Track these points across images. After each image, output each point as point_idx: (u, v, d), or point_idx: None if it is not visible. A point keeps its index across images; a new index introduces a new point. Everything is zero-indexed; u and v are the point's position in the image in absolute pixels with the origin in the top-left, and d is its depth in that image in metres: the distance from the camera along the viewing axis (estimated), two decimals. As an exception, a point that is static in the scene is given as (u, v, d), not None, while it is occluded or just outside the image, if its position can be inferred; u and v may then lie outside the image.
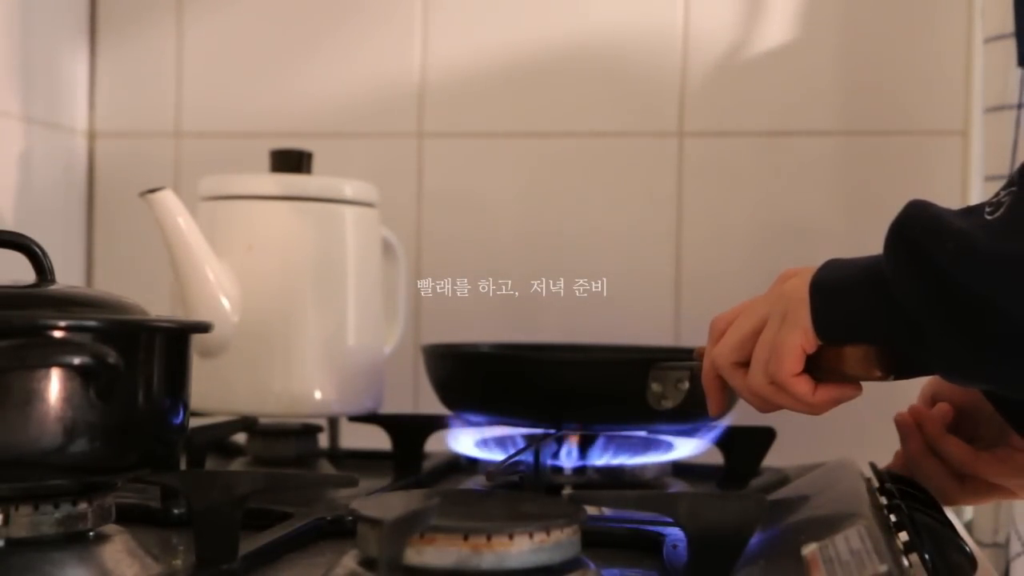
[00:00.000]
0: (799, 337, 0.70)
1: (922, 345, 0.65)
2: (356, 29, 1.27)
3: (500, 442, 0.95)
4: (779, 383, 0.71)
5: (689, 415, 0.90)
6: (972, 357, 0.63)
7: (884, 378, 0.70)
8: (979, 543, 1.07)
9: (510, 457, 0.82)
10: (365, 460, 1.06)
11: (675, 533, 0.66)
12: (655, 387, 0.83)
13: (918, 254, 0.63)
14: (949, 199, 1.21)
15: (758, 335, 0.72)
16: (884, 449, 0.89)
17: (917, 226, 0.64)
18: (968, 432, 0.84)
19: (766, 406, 0.74)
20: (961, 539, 0.69)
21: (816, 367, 0.71)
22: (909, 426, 0.85)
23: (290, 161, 1.03)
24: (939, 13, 1.18)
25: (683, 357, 0.83)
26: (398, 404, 1.13)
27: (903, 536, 0.64)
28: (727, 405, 0.78)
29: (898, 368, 0.70)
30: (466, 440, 0.96)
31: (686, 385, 0.82)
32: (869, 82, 1.20)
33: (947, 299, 0.62)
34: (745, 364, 0.73)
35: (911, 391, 1.16)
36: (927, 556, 0.61)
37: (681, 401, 0.82)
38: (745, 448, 0.96)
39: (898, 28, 1.19)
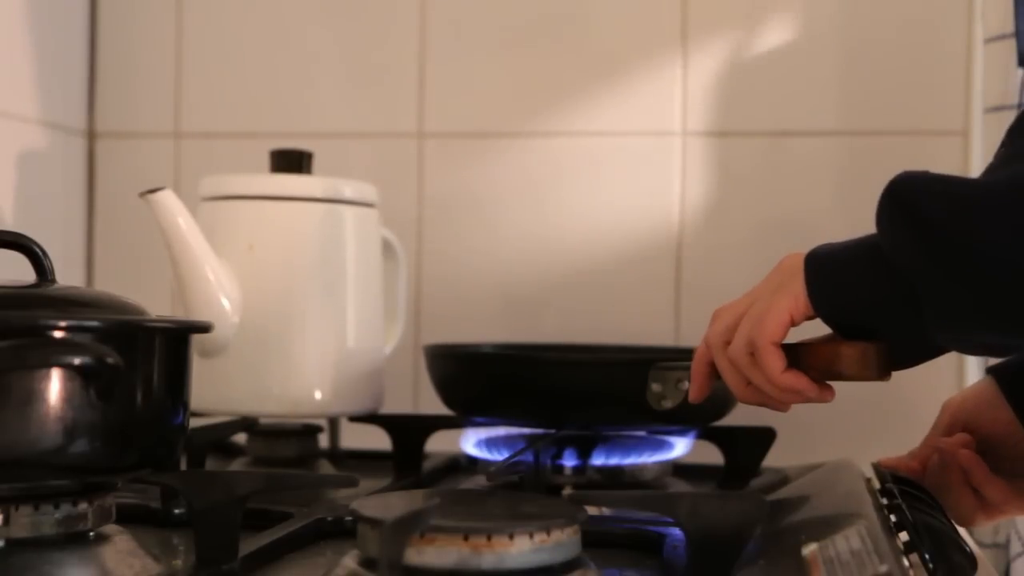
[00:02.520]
0: (789, 302, 0.70)
1: (915, 306, 0.65)
2: (356, 28, 1.27)
3: (500, 442, 0.95)
4: (757, 348, 0.71)
5: (689, 415, 0.90)
6: (967, 301, 0.63)
7: (880, 378, 0.70)
8: (979, 543, 1.07)
9: (510, 457, 0.82)
10: (365, 460, 1.06)
11: (675, 533, 0.66)
12: (655, 387, 0.83)
13: (907, 206, 0.65)
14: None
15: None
16: (884, 449, 0.89)
17: (906, 185, 0.66)
18: (992, 465, 0.83)
19: (742, 388, 0.74)
20: (961, 539, 0.69)
21: (810, 366, 0.71)
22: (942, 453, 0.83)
23: (290, 161, 1.03)
24: (939, 13, 1.18)
25: (683, 357, 0.83)
26: (398, 404, 1.13)
27: (903, 536, 0.64)
28: (710, 392, 0.78)
29: (895, 363, 0.70)
30: (466, 440, 0.97)
31: (686, 385, 0.82)
32: (869, 82, 1.20)
33: (938, 243, 0.63)
34: None
35: (910, 392, 1.16)
36: (927, 556, 0.61)
37: (681, 401, 0.82)
38: (745, 448, 0.96)
39: (898, 28, 1.19)
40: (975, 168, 1.16)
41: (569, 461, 0.90)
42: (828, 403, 0.74)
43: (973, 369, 1.14)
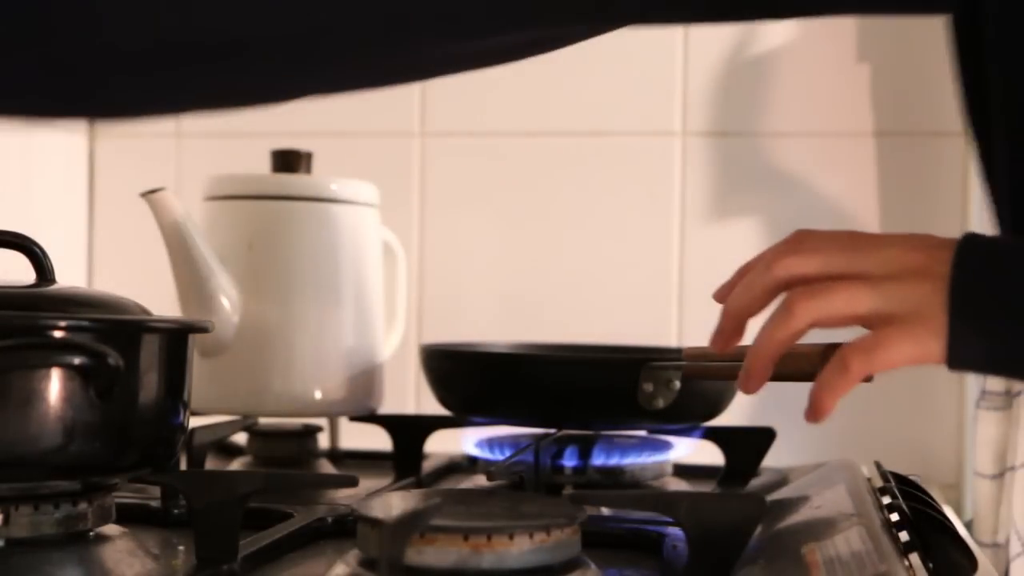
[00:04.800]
0: (915, 351, 0.56)
1: None
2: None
3: (500, 442, 0.95)
4: (843, 363, 0.58)
5: (686, 414, 0.90)
6: None
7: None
8: (979, 543, 1.07)
9: (510, 457, 0.82)
10: (365, 460, 1.06)
11: (675, 533, 0.66)
12: (646, 387, 0.83)
13: None
14: (950, 200, 1.21)
15: (839, 278, 0.58)
16: (884, 449, 0.89)
17: None
18: None
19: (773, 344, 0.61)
20: (961, 539, 0.69)
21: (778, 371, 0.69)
22: None
23: (290, 161, 1.03)
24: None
25: (677, 357, 0.83)
26: (398, 404, 1.14)
27: (903, 536, 0.64)
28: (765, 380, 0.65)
29: None
30: (466, 440, 0.97)
31: (677, 385, 0.82)
32: (869, 82, 1.20)
33: None
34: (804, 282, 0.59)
35: (910, 392, 1.16)
36: (927, 556, 0.61)
37: (672, 401, 0.82)
38: (745, 448, 0.96)
39: (898, 28, 1.19)
40: (975, 169, 1.16)
41: (569, 461, 0.90)
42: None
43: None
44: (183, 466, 0.78)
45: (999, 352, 0.56)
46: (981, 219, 1.13)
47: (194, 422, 0.76)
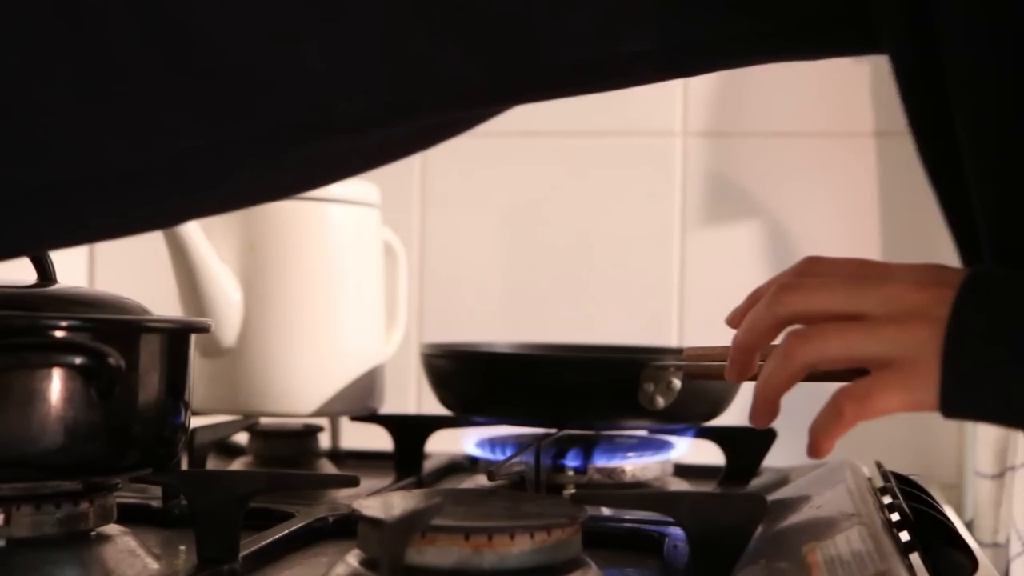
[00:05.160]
0: (905, 400, 0.53)
1: None
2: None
3: (501, 442, 0.95)
4: (836, 407, 0.57)
5: (686, 414, 0.90)
6: None
7: (848, 379, 0.69)
8: (979, 543, 1.07)
9: (511, 457, 0.82)
10: (366, 460, 1.06)
11: (675, 533, 0.66)
12: (647, 387, 0.83)
13: None
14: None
15: (845, 318, 0.56)
16: (885, 449, 0.89)
17: None
18: None
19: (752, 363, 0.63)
20: (961, 539, 0.69)
21: None
22: None
23: (291, 161, 1.03)
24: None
25: (676, 357, 0.83)
26: (399, 404, 1.14)
27: (904, 536, 0.64)
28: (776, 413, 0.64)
29: None
30: (467, 439, 0.97)
31: (678, 385, 0.82)
32: (870, 83, 1.20)
33: None
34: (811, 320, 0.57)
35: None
36: (928, 556, 0.61)
37: (673, 401, 0.82)
38: (745, 448, 0.96)
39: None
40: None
41: (570, 461, 0.91)
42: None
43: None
44: (184, 466, 0.78)
45: (996, 403, 0.52)
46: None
47: (195, 422, 0.76)
